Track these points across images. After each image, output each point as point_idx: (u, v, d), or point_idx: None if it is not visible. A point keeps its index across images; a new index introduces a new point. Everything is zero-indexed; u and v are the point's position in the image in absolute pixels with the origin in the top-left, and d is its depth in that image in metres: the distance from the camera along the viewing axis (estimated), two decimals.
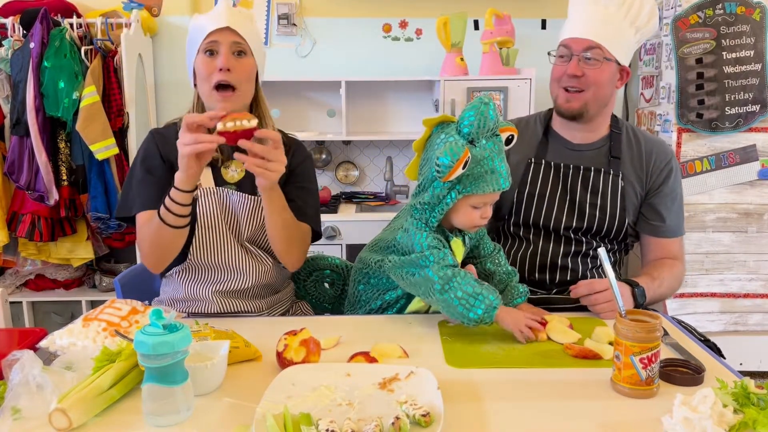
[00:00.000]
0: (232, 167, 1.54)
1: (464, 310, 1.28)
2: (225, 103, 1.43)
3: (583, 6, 1.60)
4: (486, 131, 1.31)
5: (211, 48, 1.43)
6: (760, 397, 0.94)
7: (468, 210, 1.36)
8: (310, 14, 3.30)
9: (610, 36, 1.57)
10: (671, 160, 1.69)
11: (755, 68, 2.69)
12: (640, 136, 1.72)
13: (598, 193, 1.64)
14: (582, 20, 1.59)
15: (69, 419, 0.94)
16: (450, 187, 1.32)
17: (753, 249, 2.86)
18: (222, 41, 1.43)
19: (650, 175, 1.67)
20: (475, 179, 1.31)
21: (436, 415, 0.96)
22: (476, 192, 1.32)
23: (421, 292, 1.35)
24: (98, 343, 1.17)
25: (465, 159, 1.25)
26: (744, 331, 2.92)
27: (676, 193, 1.70)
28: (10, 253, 3.00)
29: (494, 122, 1.32)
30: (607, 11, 1.57)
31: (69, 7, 2.99)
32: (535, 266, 1.67)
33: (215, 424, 0.99)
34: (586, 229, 1.65)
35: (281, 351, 1.16)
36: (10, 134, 2.81)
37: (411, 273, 1.36)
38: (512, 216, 1.69)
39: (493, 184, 1.32)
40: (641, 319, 1.11)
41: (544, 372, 1.18)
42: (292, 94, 3.33)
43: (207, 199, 1.49)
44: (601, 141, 1.69)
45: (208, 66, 1.43)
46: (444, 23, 2.97)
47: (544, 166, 1.68)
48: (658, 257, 1.69)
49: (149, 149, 1.53)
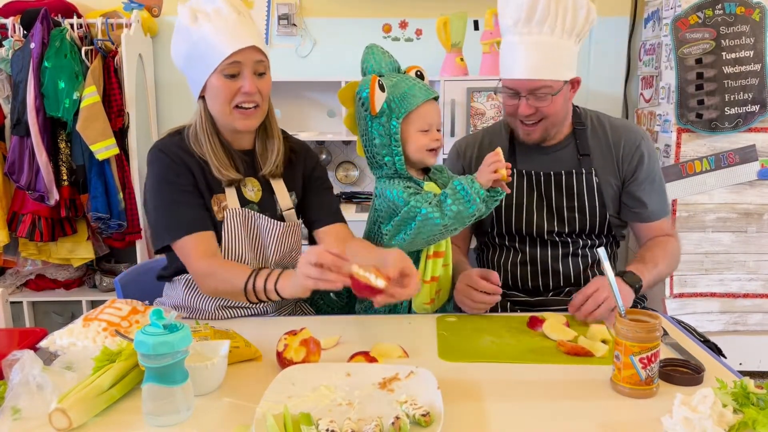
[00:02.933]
0: (249, 186, 1.48)
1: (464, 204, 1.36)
2: (247, 121, 1.40)
3: (518, 39, 1.51)
4: (386, 67, 1.45)
5: (233, 72, 1.35)
6: (760, 397, 0.94)
7: (417, 136, 1.44)
8: (310, 14, 3.30)
9: (553, 63, 1.51)
10: (641, 143, 1.66)
11: (755, 68, 2.69)
12: (606, 124, 1.69)
13: (574, 195, 1.63)
14: (520, 58, 1.51)
15: (69, 419, 0.94)
16: (387, 118, 1.42)
17: (753, 249, 2.86)
18: (245, 62, 1.35)
19: (622, 163, 1.65)
20: (402, 99, 1.41)
21: (436, 415, 0.96)
22: (410, 108, 1.41)
23: (428, 236, 1.41)
24: (98, 343, 1.17)
25: (376, 80, 1.39)
26: (744, 331, 2.92)
27: (653, 176, 1.67)
28: (10, 253, 3.00)
29: (388, 56, 1.47)
30: (541, 39, 1.49)
31: (69, 7, 2.99)
32: (527, 274, 1.66)
33: (215, 424, 0.99)
34: (570, 231, 1.65)
35: (281, 351, 1.16)
36: (11, 134, 2.81)
37: (409, 229, 1.41)
38: (494, 227, 1.69)
39: (419, 94, 1.41)
40: (641, 319, 1.11)
41: (544, 371, 1.18)
42: (292, 94, 3.33)
43: (233, 220, 1.43)
44: (567, 139, 1.67)
45: (229, 89, 1.36)
46: (444, 23, 2.97)
47: (516, 176, 1.66)
48: (650, 237, 1.69)
49: (167, 168, 1.41)
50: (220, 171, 1.41)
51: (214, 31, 1.34)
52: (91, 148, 2.75)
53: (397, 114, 1.41)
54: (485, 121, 2.92)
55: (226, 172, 1.42)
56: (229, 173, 1.42)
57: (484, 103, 2.91)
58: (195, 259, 1.37)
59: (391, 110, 1.42)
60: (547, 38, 1.49)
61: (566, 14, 1.48)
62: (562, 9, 1.47)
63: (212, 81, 1.37)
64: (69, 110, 2.74)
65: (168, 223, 1.40)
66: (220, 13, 1.35)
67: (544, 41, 1.49)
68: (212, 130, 1.43)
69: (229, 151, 1.45)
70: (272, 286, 1.27)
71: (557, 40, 1.50)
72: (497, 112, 2.91)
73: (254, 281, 1.29)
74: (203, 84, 1.38)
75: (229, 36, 1.33)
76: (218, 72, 1.35)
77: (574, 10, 1.48)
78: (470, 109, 2.91)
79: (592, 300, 1.38)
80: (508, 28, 1.54)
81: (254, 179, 1.49)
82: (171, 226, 1.39)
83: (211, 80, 1.37)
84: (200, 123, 1.43)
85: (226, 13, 1.35)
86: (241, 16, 1.37)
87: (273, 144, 1.49)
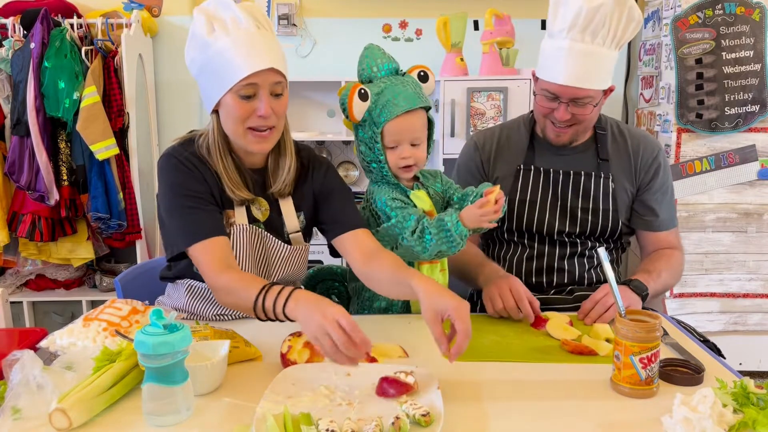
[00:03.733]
0: (256, 205, 1.42)
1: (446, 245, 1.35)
2: (261, 144, 1.34)
3: (569, 45, 1.48)
4: (379, 70, 1.42)
5: (249, 93, 1.29)
6: (760, 397, 0.94)
7: (389, 152, 1.42)
8: (310, 14, 3.30)
9: (599, 73, 1.50)
10: (658, 154, 1.68)
11: (755, 68, 2.69)
12: (625, 132, 1.70)
13: (589, 198, 1.64)
14: (568, 65, 1.49)
15: (69, 419, 0.94)
16: (369, 126, 1.41)
17: (753, 249, 2.86)
18: (262, 84, 1.29)
19: (639, 172, 1.66)
20: (383, 107, 1.38)
21: (436, 415, 0.96)
22: (388, 118, 1.37)
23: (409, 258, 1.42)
24: (98, 343, 1.17)
25: (357, 89, 1.37)
26: (744, 331, 2.92)
27: (666, 187, 1.69)
28: (10, 253, 3.00)
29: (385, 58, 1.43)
30: (593, 48, 1.48)
31: (69, 7, 2.99)
32: (531, 270, 1.67)
33: (215, 424, 0.99)
34: (580, 232, 1.65)
35: (285, 352, 1.16)
36: (11, 134, 2.81)
37: (394, 244, 1.42)
38: (505, 222, 1.69)
39: (401, 104, 1.37)
40: (641, 319, 1.11)
41: (544, 371, 1.18)
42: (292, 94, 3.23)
43: (241, 236, 1.38)
44: (587, 142, 1.68)
45: (244, 109, 1.29)
46: (444, 23, 2.97)
47: (533, 173, 1.67)
48: (655, 249, 1.69)
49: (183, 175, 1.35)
50: (233, 191, 1.36)
51: (231, 46, 1.26)
52: (91, 148, 2.75)
53: (377, 123, 1.39)
54: (485, 122, 2.92)
55: (239, 192, 1.37)
56: (242, 193, 1.37)
57: (484, 103, 2.91)
58: (212, 271, 1.28)
59: (372, 119, 1.40)
60: (598, 48, 1.48)
61: (618, 26, 1.47)
62: (616, 21, 1.46)
63: (226, 99, 1.30)
64: (69, 110, 2.74)
65: (182, 229, 1.33)
66: (238, 24, 1.28)
67: (595, 51, 1.48)
68: (225, 148, 1.37)
69: (241, 170, 1.40)
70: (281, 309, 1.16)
71: (605, 50, 1.49)
72: (497, 112, 2.91)
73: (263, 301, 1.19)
74: (217, 101, 1.33)
75: (246, 55, 1.26)
76: (233, 92, 1.28)
77: (627, 23, 1.47)
78: (470, 110, 2.91)
79: (600, 305, 1.41)
80: (558, 32, 1.50)
81: (262, 199, 1.43)
82: (186, 232, 1.32)
83: (225, 98, 1.30)
84: (213, 139, 1.37)
85: (246, 26, 1.28)
86: (261, 30, 1.30)
87: (285, 162, 1.43)
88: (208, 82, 1.32)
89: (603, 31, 1.46)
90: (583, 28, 1.46)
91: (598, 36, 1.47)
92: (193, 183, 1.35)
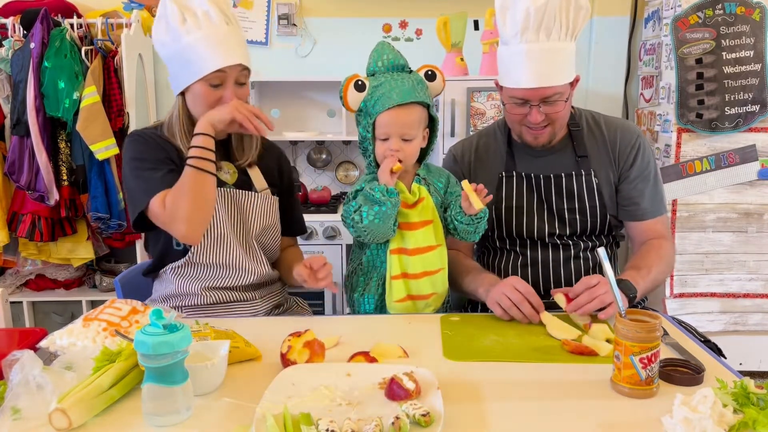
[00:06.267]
0: (224, 169, 1.54)
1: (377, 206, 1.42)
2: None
3: (525, 48, 1.49)
4: (384, 65, 1.48)
5: (217, 82, 1.43)
6: (760, 397, 0.94)
7: (378, 143, 1.48)
8: (310, 14, 3.30)
9: (561, 68, 1.51)
10: (636, 140, 1.66)
11: (755, 68, 2.69)
12: (601, 123, 1.69)
13: (574, 198, 1.63)
14: (529, 67, 1.49)
15: (69, 419, 0.94)
16: (364, 116, 1.47)
17: (753, 249, 2.86)
18: (230, 73, 1.43)
19: (618, 161, 1.66)
20: (378, 99, 1.44)
21: (436, 415, 0.96)
22: (380, 110, 1.43)
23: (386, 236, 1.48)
24: (98, 343, 1.17)
25: (353, 80, 1.45)
26: (744, 331, 2.92)
27: (647, 173, 1.66)
28: (10, 253, 3.00)
29: (392, 54, 1.48)
30: (548, 45, 1.48)
31: (69, 7, 3.00)
32: (528, 276, 1.65)
33: (215, 424, 0.99)
34: (571, 233, 1.65)
35: (285, 352, 1.16)
36: (11, 134, 2.81)
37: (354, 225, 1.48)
38: (495, 230, 1.69)
39: (395, 98, 1.42)
40: (641, 319, 1.11)
41: (544, 371, 1.18)
42: (292, 94, 3.33)
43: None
44: (564, 141, 1.67)
45: (211, 96, 1.44)
46: (444, 23, 2.97)
47: (516, 179, 1.67)
48: (644, 240, 1.67)
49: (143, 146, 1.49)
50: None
51: (203, 41, 1.39)
52: (91, 148, 2.75)
53: (371, 114, 1.45)
54: (485, 121, 2.92)
55: None
56: None
57: (484, 103, 2.91)
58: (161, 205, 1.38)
59: (367, 109, 1.46)
60: (555, 44, 1.48)
61: (568, 17, 1.48)
62: (566, 13, 1.47)
63: (195, 86, 1.44)
64: (69, 110, 2.74)
65: (143, 187, 1.42)
66: (209, 19, 1.40)
67: (552, 47, 1.48)
68: (189, 126, 1.49)
69: None
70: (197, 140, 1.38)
71: (561, 44, 1.49)
72: (497, 112, 2.90)
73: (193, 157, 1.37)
74: (186, 86, 1.46)
75: (217, 49, 1.40)
76: (203, 80, 1.42)
77: (576, 12, 1.48)
78: (470, 109, 2.91)
79: (588, 293, 1.37)
80: (512, 37, 1.51)
81: (229, 163, 1.55)
82: (147, 189, 1.41)
83: (194, 85, 1.44)
84: (177, 117, 1.50)
85: (216, 21, 1.40)
86: (230, 26, 1.43)
87: (251, 140, 1.57)
88: (180, 69, 1.45)
89: (556, 26, 1.47)
90: (537, 28, 1.47)
91: (552, 32, 1.48)
92: (153, 151, 1.47)
